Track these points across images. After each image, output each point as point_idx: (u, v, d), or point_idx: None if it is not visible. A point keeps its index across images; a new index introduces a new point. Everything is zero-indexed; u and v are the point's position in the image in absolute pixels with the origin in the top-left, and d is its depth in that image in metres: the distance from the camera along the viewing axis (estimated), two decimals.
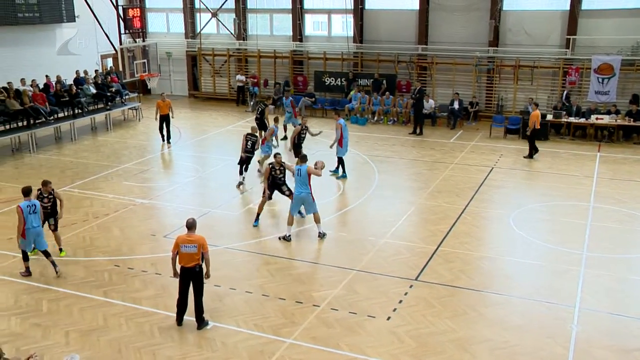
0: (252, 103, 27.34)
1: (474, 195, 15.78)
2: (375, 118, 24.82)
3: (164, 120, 21.06)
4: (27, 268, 11.47)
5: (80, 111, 22.83)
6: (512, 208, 14.86)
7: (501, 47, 24.50)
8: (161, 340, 9.23)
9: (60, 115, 22.32)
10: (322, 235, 12.97)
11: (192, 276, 9.34)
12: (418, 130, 22.70)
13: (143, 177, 17.39)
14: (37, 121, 20.94)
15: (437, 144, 21.34)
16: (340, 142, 17.05)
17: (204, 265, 9.45)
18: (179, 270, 9.43)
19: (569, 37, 23.26)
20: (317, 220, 13.01)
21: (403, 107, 24.55)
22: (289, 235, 12.90)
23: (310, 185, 12.83)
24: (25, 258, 11.48)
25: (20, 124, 20.80)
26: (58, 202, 12.31)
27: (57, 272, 11.35)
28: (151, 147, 21.04)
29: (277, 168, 13.74)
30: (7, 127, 20.60)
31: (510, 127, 22.37)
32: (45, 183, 12.16)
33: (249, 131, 16.76)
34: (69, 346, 9.09)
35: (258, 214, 13.82)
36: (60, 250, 12.51)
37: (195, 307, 9.54)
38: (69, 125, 22.19)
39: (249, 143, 16.37)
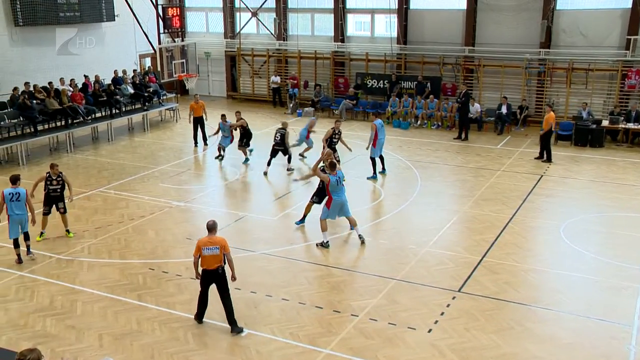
0: (291, 105, 27.50)
1: (522, 204, 15.51)
2: (419, 122, 24.65)
3: (198, 122, 21.30)
4: (18, 255, 12.15)
5: (117, 111, 23.34)
6: (563, 218, 14.53)
7: (553, 49, 24.03)
8: (195, 347, 9.33)
9: (98, 115, 22.88)
10: (362, 238, 13.02)
11: (215, 278, 9.55)
12: (463, 136, 22.45)
13: (179, 179, 17.64)
14: (74, 121, 21.51)
15: (483, 149, 21.06)
16: (375, 142, 17.21)
17: (227, 268, 9.64)
18: (200, 272, 9.68)
19: (629, 37, 22.62)
20: (355, 223, 13.13)
21: (448, 111, 24.33)
22: (327, 242, 12.91)
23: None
24: (15, 245, 12.15)
25: (58, 123, 21.41)
26: (67, 185, 13.15)
27: (28, 256, 12.26)
28: (188, 149, 21.34)
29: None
30: (46, 126, 21.22)
31: (562, 133, 21.92)
32: (52, 165, 13.12)
33: (280, 125, 18.34)
34: (103, 349, 9.27)
35: (304, 215, 14.03)
36: (68, 232, 13.40)
37: (225, 310, 9.66)
38: (106, 126, 22.71)
39: (277, 135, 17.97)
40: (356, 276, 11.71)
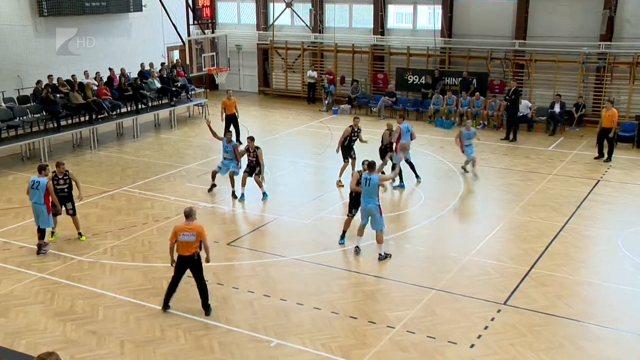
0: (326, 102, 27.50)
1: (576, 211, 15.24)
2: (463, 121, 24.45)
3: (231, 121, 21.39)
4: (39, 246, 12.97)
5: (143, 106, 23.70)
6: (621, 227, 14.24)
7: (615, 42, 23.49)
8: (221, 356, 9.41)
9: (123, 110, 23.27)
10: (382, 258, 12.58)
11: (190, 264, 10.30)
12: (511, 136, 22.18)
13: (207, 179, 17.79)
14: (99, 116, 21.92)
15: (533, 151, 20.77)
16: (396, 147, 16.83)
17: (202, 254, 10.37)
18: (176, 259, 10.40)
19: None
20: (379, 240, 12.61)
21: (495, 110, 24.05)
22: (358, 247, 12.92)
23: (379, 196, 12.60)
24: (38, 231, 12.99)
25: (82, 118, 21.84)
26: (74, 183, 13.60)
27: (39, 253, 12.88)
28: (217, 147, 21.42)
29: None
30: (70, 121, 21.68)
31: (622, 135, 21.44)
32: (58, 164, 13.53)
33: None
34: (124, 357, 9.41)
35: (344, 232, 13.45)
36: (80, 234, 13.65)
37: (200, 294, 10.49)
38: (131, 121, 23.09)
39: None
40: (392, 285, 11.66)
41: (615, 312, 10.67)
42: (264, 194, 16.16)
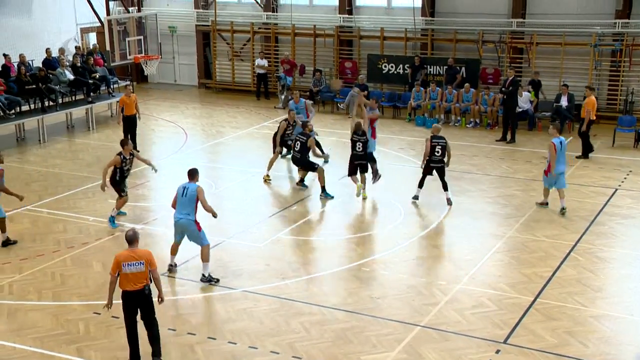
0: (283, 97, 27.49)
1: (589, 228, 15.50)
2: (452, 119, 24.71)
3: (130, 124, 20.96)
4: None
5: (52, 103, 23.37)
6: None
7: (634, 19, 23.99)
8: None
9: (24, 108, 22.90)
10: (206, 280, 12.92)
11: (140, 301, 10.05)
12: (509, 136, 22.51)
13: (136, 193, 17.62)
14: None
15: (536, 155, 21.08)
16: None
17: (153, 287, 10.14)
18: (121, 297, 10.08)
19: None
20: (204, 258, 12.90)
21: (489, 105, 24.39)
22: (174, 265, 13.45)
23: (196, 209, 12.68)
24: None
25: None
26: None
27: None
28: (147, 154, 21.29)
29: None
30: None
31: None
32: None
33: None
34: None
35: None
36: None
37: (150, 340, 10.09)
38: (35, 122, 22.74)
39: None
40: (368, 321, 11.69)
41: None
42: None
